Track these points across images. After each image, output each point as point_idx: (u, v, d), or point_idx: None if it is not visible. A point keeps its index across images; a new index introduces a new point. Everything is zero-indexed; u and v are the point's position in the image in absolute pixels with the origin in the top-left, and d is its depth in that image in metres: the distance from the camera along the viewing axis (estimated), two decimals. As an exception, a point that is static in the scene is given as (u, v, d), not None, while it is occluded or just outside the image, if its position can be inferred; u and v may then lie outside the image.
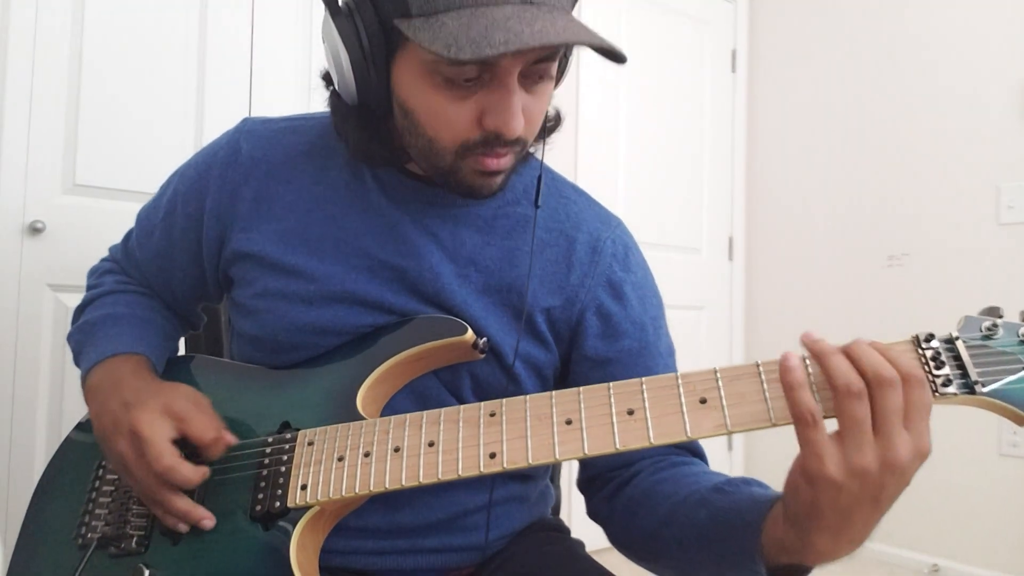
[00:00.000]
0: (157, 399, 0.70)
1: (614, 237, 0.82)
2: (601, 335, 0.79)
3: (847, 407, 0.50)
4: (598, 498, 0.79)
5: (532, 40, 0.58)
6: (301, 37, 1.87)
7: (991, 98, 2.33)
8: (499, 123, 0.65)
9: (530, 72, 0.66)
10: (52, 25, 1.57)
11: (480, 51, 0.57)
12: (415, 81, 0.66)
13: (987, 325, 0.56)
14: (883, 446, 0.50)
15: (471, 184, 0.70)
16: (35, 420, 1.54)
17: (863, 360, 0.51)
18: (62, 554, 0.72)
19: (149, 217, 0.88)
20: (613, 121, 2.62)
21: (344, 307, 0.75)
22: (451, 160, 0.69)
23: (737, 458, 2.93)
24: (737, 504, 0.63)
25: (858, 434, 0.50)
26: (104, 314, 0.83)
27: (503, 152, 0.68)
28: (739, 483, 0.67)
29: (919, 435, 0.51)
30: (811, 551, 0.54)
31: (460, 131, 0.67)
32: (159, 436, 0.67)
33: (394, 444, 0.66)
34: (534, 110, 0.69)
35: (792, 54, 2.88)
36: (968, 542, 2.30)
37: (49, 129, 1.56)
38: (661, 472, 0.74)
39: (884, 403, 0.50)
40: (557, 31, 0.59)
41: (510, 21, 0.59)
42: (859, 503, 0.50)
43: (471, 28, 0.59)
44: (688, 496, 0.68)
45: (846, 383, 0.50)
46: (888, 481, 0.50)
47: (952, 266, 2.39)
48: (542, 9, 0.62)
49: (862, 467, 0.50)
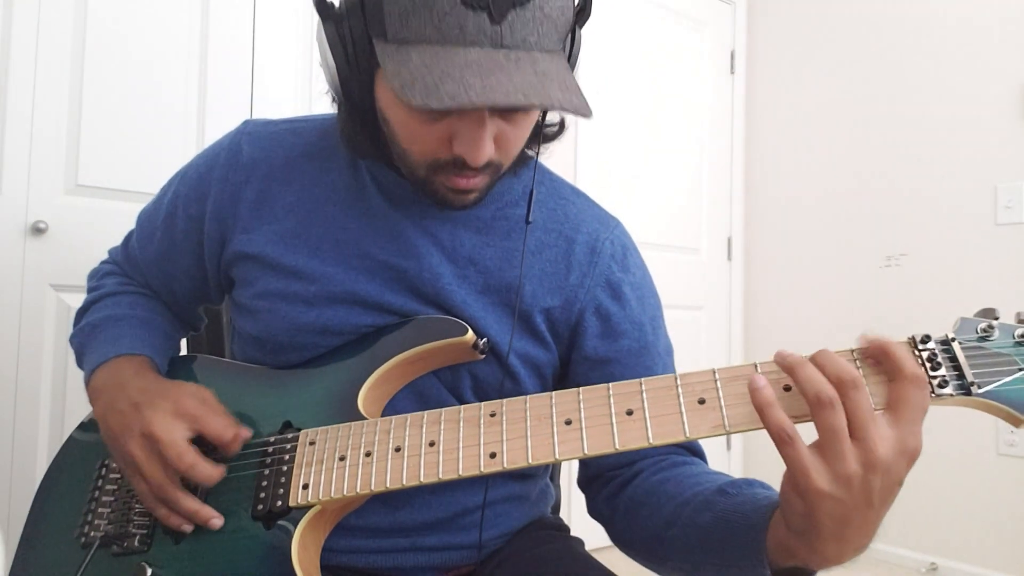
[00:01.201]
0: (166, 400, 0.71)
1: (612, 238, 0.83)
2: (600, 335, 0.79)
3: (821, 417, 0.51)
4: (600, 497, 0.79)
5: (478, 99, 0.56)
6: (303, 38, 1.88)
7: (989, 98, 2.33)
8: (465, 152, 0.65)
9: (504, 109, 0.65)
10: (54, 26, 1.57)
11: (428, 101, 0.56)
12: (391, 97, 0.67)
13: (983, 327, 0.56)
14: (862, 448, 0.50)
15: (444, 197, 0.71)
16: (38, 419, 1.55)
17: (827, 367, 0.51)
18: (65, 552, 0.73)
19: (150, 219, 0.88)
20: (612, 122, 2.62)
21: (344, 308, 0.76)
22: (423, 174, 0.70)
23: (736, 458, 2.94)
24: (741, 507, 0.63)
25: (836, 443, 0.50)
26: (106, 316, 0.83)
27: (472, 175, 0.68)
28: (742, 485, 0.66)
29: (908, 434, 0.51)
30: (818, 557, 0.54)
31: (430, 150, 0.67)
32: (177, 437, 0.68)
33: (395, 444, 0.66)
34: (511, 137, 0.68)
35: (790, 55, 2.89)
36: (966, 541, 2.31)
37: (52, 130, 1.57)
38: (663, 472, 0.74)
39: (853, 406, 0.50)
40: (513, 87, 0.57)
41: (467, 71, 0.57)
42: (853, 509, 0.51)
43: (431, 71, 0.58)
44: (691, 498, 0.68)
45: (816, 393, 0.51)
46: (874, 482, 0.50)
47: (949, 266, 2.39)
48: (512, 55, 0.59)
49: (846, 474, 0.50)
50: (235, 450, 0.70)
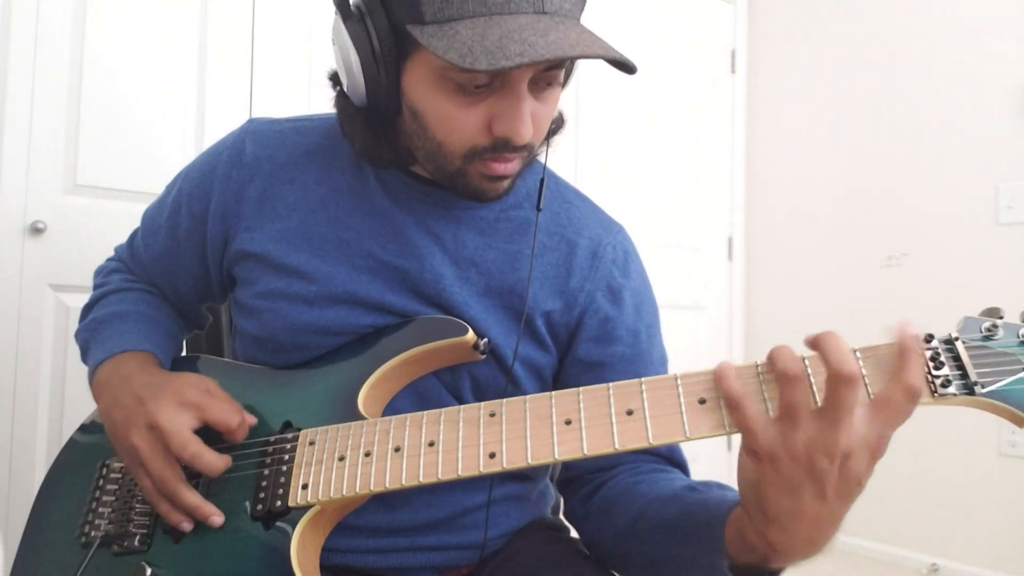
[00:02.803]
0: (169, 391, 0.71)
1: (615, 243, 0.83)
2: (595, 339, 0.79)
3: (783, 390, 0.52)
4: (576, 498, 0.81)
5: (547, 52, 0.58)
6: (302, 36, 1.88)
7: (990, 98, 2.33)
8: (509, 130, 0.66)
9: (539, 79, 0.66)
10: (53, 25, 1.57)
11: (496, 62, 0.57)
12: (426, 86, 0.67)
13: (987, 326, 0.56)
14: (819, 428, 0.50)
15: (478, 187, 0.71)
16: (36, 419, 1.55)
17: (829, 354, 0.51)
18: (65, 552, 0.73)
19: (154, 217, 0.88)
20: (612, 121, 2.62)
21: (345, 308, 0.76)
22: (459, 164, 0.69)
23: (736, 458, 2.93)
24: (705, 500, 0.65)
25: (793, 415, 0.51)
26: (111, 311, 0.83)
27: (511, 157, 0.69)
28: (713, 485, 0.68)
29: (877, 433, 0.51)
30: (767, 545, 0.54)
31: (469, 136, 0.67)
32: (181, 426, 0.68)
33: (395, 444, 0.66)
34: (542, 116, 0.69)
35: (791, 55, 2.89)
36: (967, 542, 2.31)
37: (50, 129, 1.57)
38: (639, 475, 0.76)
39: (838, 397, 0.50)
40: (571, 43, 0.60)
41: (524, 32, 0.59)
42: (800, 488, 0.51)
43: (485, 38, 0.59)
44: (661, 494, 0.70)
45: (782, 369, 0.52)
46: (826, 468, 0.50)
47: (951, 266, 2.39)
48: (555, 19, 0.62)
49: (795, 445, 0.51)
50: (241, 436, 0.70)
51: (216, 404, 0.70)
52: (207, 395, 0.71)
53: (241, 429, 0.70)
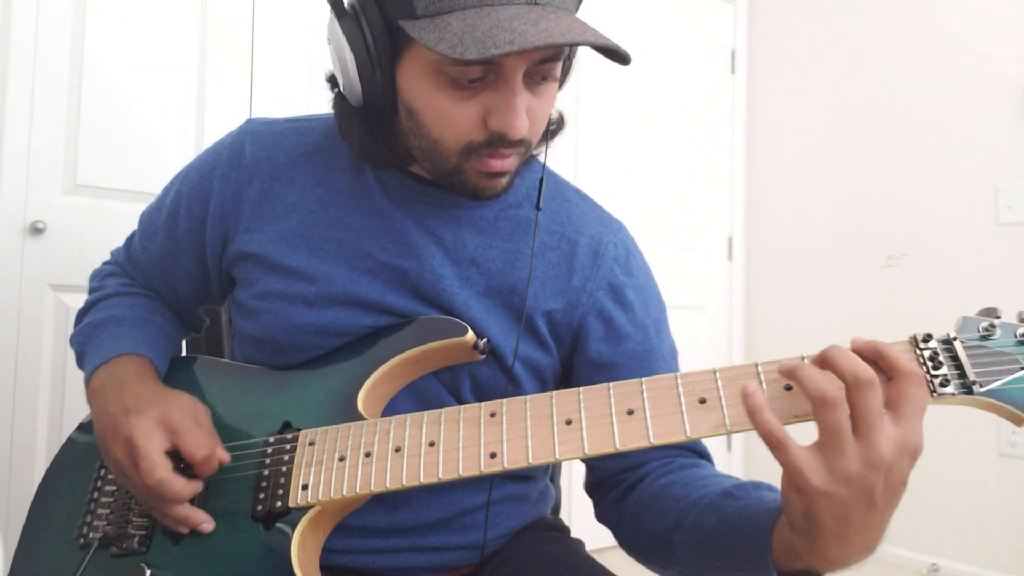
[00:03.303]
0: (156, 408, 0.70)
1: (616, 241, 0.82)
2: (604, 339, 0.79)
3: (823, 416, 0.50)
4: (607, 502, 0.79)
5: (537, 40, 0.58)
6: (302, 36, 1.88)
7: (990, 98, 2.33)
8: (503, 124, 0.65)
9: (534, 72, 0.66)
10: (53, 25, 1.57)
11: (485, 51, 0.57)
12: (420, 82, 0.66)
13: (985, 326, 0.56)
14: (864, 447, 0.50)
15: (476, 185, 0.70)
16: (36, 420, 1.55)
17: (841, 364, 0.51)
18: (64, 554, 0.73)
19: (152, 219, 0.88)
20: (612, 121, 2.62)
21: (345, 308, 0.76)
22: (456, 161, 0.69)
23: (737, 459, 2.94)
24: (746, 510, 0.63)
25: (838, 441, 0.50)
26: (107, 316, 0.83)
27: (507, 153, 0.68)
28: (749, 488, 0.66)
29: (909, 432, 0.50)
30: (822, 559, 0.54)
31: (464, 132, 0.67)
32: (152, 447, 0.67)
33: (395, 444, 0.66)
34: (538, 111, 0.69)
35: (791, 55, 2.89)
36: (967, 542, 2.31)
37: (50, 129, 1.57)
38: (669, 475, 0.74)
39: (863, 404, 0.50)
40: (562, 31, 0.59)
41: (515, 21, 0.59)
42: (854, 508, 0.50)
43: (476, 28, 0.59)
44: (697, 501, 0.68)
45: (819, 393, 0.50)
46: (875, 481, 0.50)
47: (951, 266, 2.39)
48: (547, 9, 0.62)
49: (845, 472, 0.49)
50: (208, 471, 0.69)
51: (194, 433, 0.69)
52: (191, 422, 0.70)
53: (207, 464, 0.68)
